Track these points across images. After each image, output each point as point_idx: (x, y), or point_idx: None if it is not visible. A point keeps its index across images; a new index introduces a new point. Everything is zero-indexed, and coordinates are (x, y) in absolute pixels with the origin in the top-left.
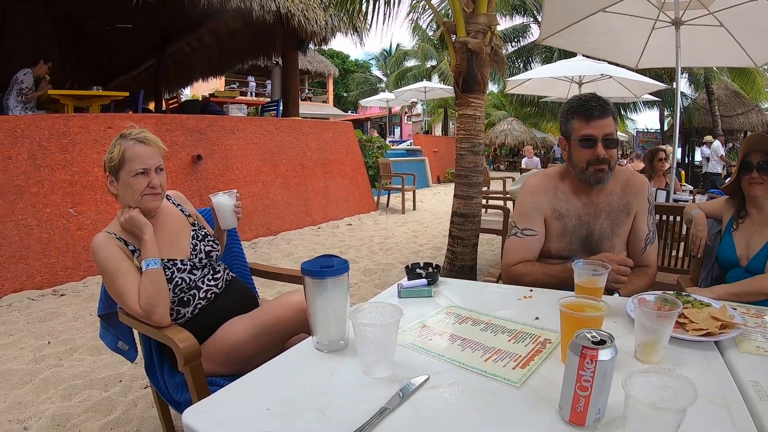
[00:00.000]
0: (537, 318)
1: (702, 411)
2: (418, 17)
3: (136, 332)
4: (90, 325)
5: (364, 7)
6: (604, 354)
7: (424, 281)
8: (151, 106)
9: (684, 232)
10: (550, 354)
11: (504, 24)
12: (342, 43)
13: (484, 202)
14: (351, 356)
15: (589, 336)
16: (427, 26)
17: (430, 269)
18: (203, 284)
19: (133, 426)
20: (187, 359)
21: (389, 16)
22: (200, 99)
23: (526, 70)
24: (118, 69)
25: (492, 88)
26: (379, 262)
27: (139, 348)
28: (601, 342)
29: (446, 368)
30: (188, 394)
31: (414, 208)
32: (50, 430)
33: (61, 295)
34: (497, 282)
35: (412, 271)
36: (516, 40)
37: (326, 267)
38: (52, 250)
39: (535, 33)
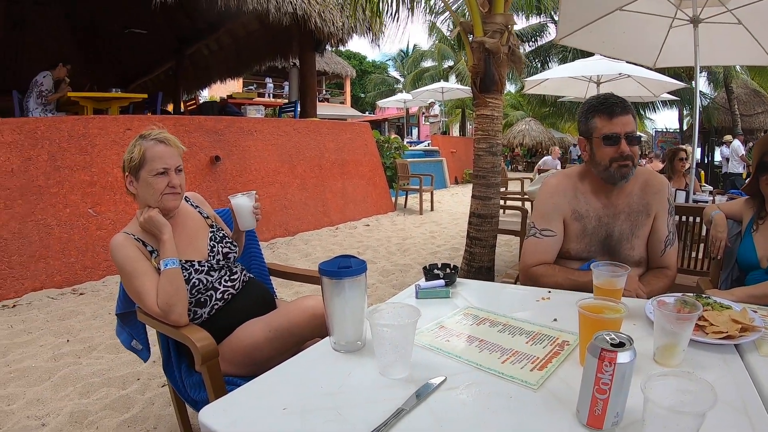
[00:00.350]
0: (555, 319)
1: (721, 415)
2: (434, 17)
3: (150, 332)
4: (108, 324)
5: (380, 7)
6: (622, 356)
7: (441, 282)
8: (170, 107)
9: (704, 233)
10: (569, 356)
11: (521, 23)
12: (359, 44)
13: (502, 202)
14: (368, 357)
15: (607, 338)
16: (443, 24)
17: (448, 270)
18: (220, 285)
19: (150, 424)
20: (205, 359)
21: (406, 17)
22: (218, 100)
23: (544, 69)
24: (137, 71)
25: (510, 88)
26: (396, 262)
27: (156, 347)
28: (620, 344)
29: (463, 370)
30: (205, 393)
31: (432, 209)
32: (68, 427)
33: (81, 293)
34: (515, 283)
35: (429, 272)
36: (533, 39)
37: (344, 267)
38: (72, 250)
39: (552, 32)
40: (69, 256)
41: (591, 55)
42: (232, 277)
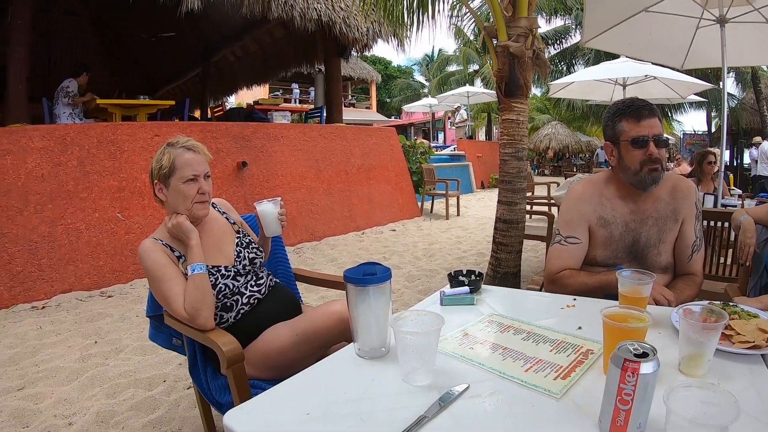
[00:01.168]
0: (580, 327)
1: (745, 428)
2: (458, 22)
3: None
4: (136, 326)
5: (405, 16)
6: (646, 367)
7: (466, 289)
8: (197, 114)
9: (732, 238)
10: (592, 365)
11: (545, 26)
12: (384, 49)
13: (528, 207)
14: (392, 363)
15: (631, 348)
16: (468, 28)
17: (473, 277)
18: (246, 290)
19: (175, 425)
20: (230, 362)
21: (429, 23)
22: (245, 107)
23: (569, 73)
24: (164, 78)
25: (535, 91)
26: (422, 268)
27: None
28: (644, 354)
29: (486, 377)
30: (230, 395)
31: (458, 214)
32: (94, 427)
33: (109, 296)
34: (540, 290)
35: (454, 279)
36: (558, 42)
37: (369, 274)
38: (101, 253)
39: (577, 35)
40: (98, 259)
41: (616, 57)
42: (258, 282)
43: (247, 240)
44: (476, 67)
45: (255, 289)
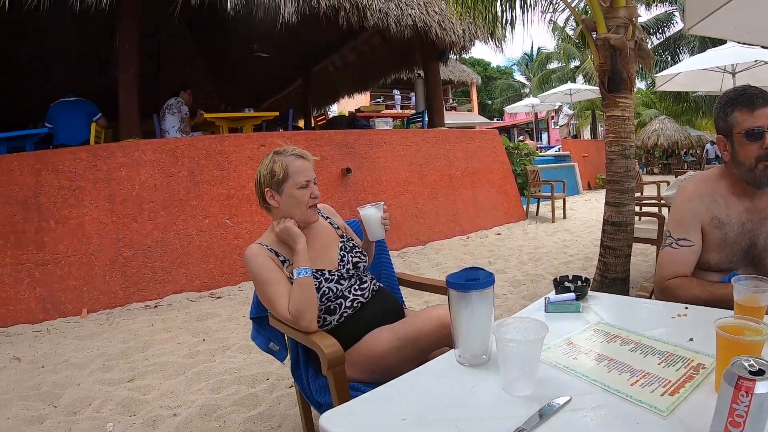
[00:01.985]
0: (691, 339)
1: None
2: (555, 17)
3: (286, 335)
4: (243, 326)
5: (499, 12)
6: (761, 386)
7: (572, 295)
8: (301, 123)
9: None
10: (703, 381)
11: (645, 15)
12: (482, 50)
13: (637, 209)
14: (492, 371)
15: (746, 364)
16: (567, 24)
17: (579, 283)
18: (350, 294)
19: (275, 422)
20: (331, 364)
21: (523, 21)
22: (347, 114)
23: (674, 63)
24: (268, 91)
25: (640, 85)
26: (528, 272)
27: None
28: (760, 372)
29: (590, 390)
30: (330, 396)
31: (564, 217)
32: (197, 419)
33: (218, 297)
34: (650, 297)
35: (560, 285)
36: (660, 31)
37: (471, 280)
38: (211, 257)
39: (680, 22)
40: (208, 262)
41: (723, 42)
42: (361, 286)
43: (351, 244)
44: (577, 63)
45: (358, 293)
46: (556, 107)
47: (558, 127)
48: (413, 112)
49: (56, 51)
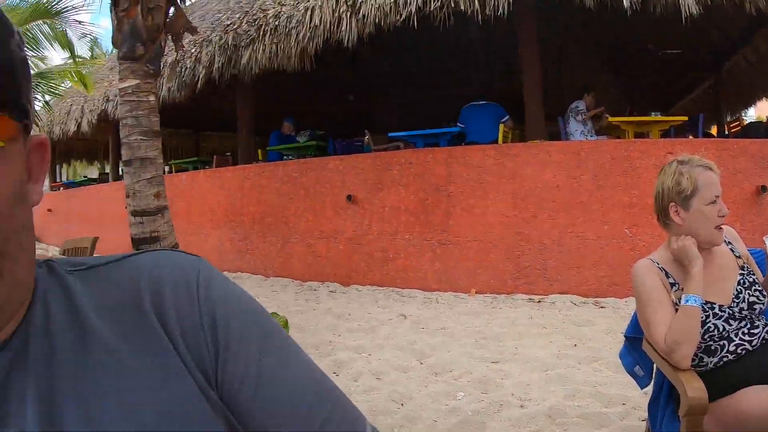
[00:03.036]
0: None
1: None
2: None
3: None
4: (618, 342)
5: None
6: None
7: None
8: (713, 130)
9: None
10: None
11: None
12: None
13: None
14: None
15: None
16: None
17: None
18: (736, 337)
19: None
20: (690, 411)
21: None
22: (764, 121)
23: None
24: (675, 92)
25: None
26: None
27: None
28: None
29: None
30: None
31: None
32: (542, 418)
33: (601, 307)
34: None
35: None
36: None
37: None
38: (603, 265)
39: None
40: (600, 270)
41: None
42: (751, 331)
43: (752, 279)
44: None
45: (747, 338)
46: None
47: None
48: None
49: (467, 59)
